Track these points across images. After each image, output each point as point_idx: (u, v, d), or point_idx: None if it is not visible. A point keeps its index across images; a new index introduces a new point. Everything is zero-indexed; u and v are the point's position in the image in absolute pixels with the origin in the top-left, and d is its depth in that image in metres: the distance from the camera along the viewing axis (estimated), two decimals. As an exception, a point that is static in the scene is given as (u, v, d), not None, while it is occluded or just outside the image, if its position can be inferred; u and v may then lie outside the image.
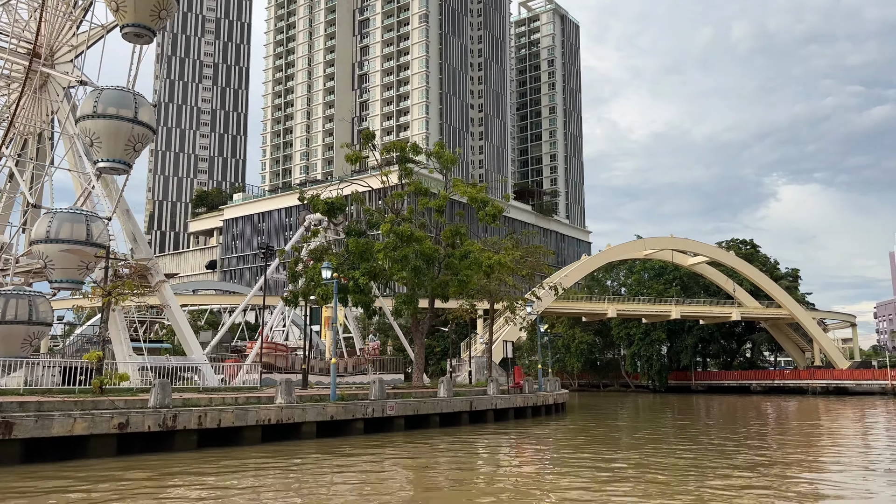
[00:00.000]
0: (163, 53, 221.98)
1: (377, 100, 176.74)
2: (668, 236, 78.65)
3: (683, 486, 14.50)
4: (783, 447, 22.47)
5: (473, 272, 31.92)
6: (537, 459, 17.95)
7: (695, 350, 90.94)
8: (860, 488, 14.97)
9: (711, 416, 42.38)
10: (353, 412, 21.92)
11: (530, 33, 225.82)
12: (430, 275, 31.99)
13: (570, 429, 27.75)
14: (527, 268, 46.28)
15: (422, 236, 31.68)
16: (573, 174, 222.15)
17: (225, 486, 13.72)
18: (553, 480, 15.07)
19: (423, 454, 19.07)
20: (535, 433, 25.17)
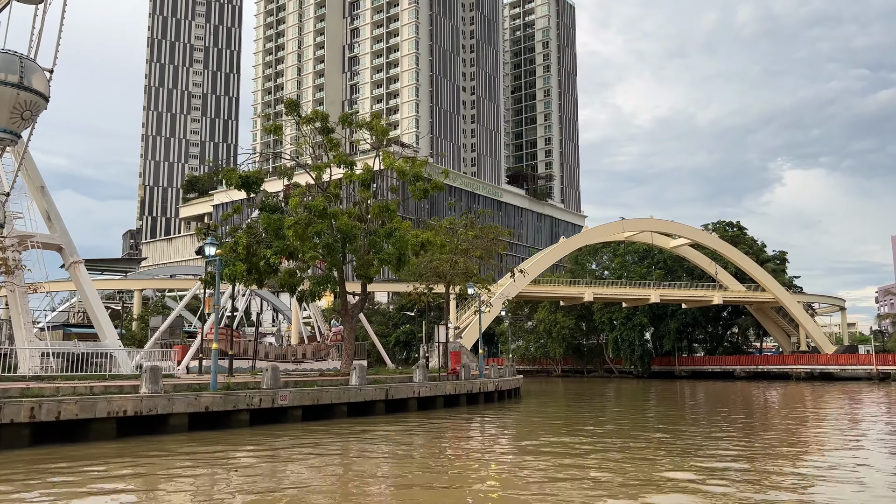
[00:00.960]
0: (153, 35, 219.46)
1: (367, 82, 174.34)
2: (648, 218, 76.51)
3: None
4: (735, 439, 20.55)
5: (398, 251, 29.91)
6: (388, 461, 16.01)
7: (678, 335, 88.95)
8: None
9: (672, 402, 40.53)
10: (235, 402, 20.04)
11: (525, 15, 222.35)
12: (356, 253, 29.92)
13: (497, 420, 25.84)
14: (479, 248, 44.23)
15: (337, 212, 29.62)
16: (569, 158, 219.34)
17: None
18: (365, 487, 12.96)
19: (279, 450, 17.17)
20: (442, 426, 23.21)
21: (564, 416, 29.35)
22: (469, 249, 43.55)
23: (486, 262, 46.18)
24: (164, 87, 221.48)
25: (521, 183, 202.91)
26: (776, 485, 13.36)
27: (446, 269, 39.96)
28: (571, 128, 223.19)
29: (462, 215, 44.43)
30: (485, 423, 24.95)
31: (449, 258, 40.34)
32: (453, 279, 42.69)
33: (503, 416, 27.01)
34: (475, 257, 43.84)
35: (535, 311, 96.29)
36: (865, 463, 15.72)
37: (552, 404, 38.20)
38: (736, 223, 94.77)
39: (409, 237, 29.29)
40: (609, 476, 14.00)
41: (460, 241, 42.98)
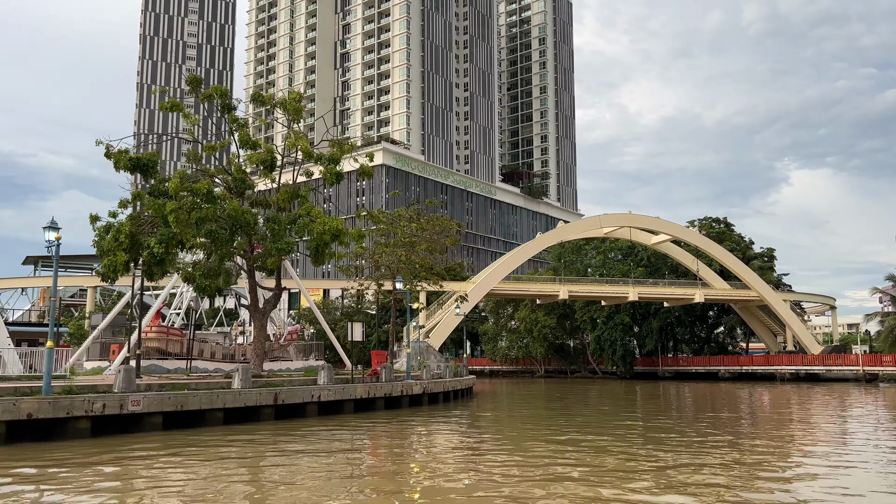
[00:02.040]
0: (144, 34, 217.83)
1: (358, 79, 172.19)
2: (627, 213, 73.84)
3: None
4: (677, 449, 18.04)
5: (315, 241, 27.51)
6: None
7: (662, 335, 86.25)
8: None
9: (647, 406, 37.95)
10: (70, 409, 17.67)
11: (521, 11, 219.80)
12: (264, 242, 27.36)
13: (397, 431, 23.28)
14: (424, 241, 41.73)
15: (224, 195, 27.20)
16: (565, 156, 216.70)
17: None
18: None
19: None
20: (309, 437, 20.64)
21: (505, 425, 26.74)
22: (414, 242, 41.16)
23: (433, 256, 43.61)
24: (156, 84, 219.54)
25: (517, 181, 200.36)
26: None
27: (384, 261, 37.56)
28: (568, 125, 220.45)
29: (409, 206, 41.73)
30: (371, 435, 22.34)
31: (392, 251, 38.00)
32: (402, 274, 40.27)
33: (412, 426, 24.45)
34: (421, 251, 41.37)
35: (517, 309, 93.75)
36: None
37: (502, 409, 35.64)
38: (723, 219, 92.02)
39: (315, 226, 26.86)
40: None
41: (405, 234, 40.59)
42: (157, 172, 26.20)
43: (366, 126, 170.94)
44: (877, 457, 18.00)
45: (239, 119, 29.40)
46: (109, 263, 24.80)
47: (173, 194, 24.74)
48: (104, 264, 24.85)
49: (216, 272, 25.95)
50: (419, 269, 40.85)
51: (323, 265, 30.58)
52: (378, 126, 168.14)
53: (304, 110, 30.65)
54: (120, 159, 25.51)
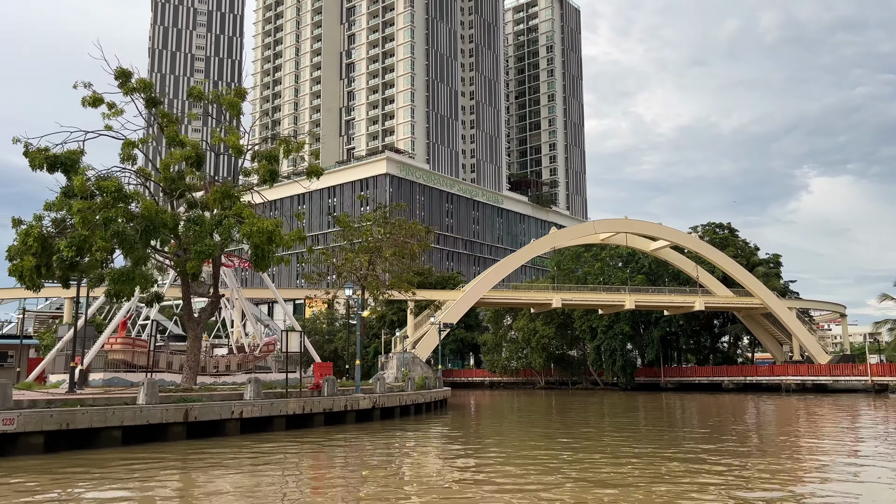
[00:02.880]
0: (153, 47, 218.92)
1: (363, 88, 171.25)
2: (623, 218, 71.40)
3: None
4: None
5: (256, 244, 25.66)
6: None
7: (663, 344, 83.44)
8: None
9: (637, 419, 35.57)
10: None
11: (528, 19, 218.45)
12: (191, 244, 25.28)
13: (316, 451, 21.18)
14: (390, 246, 39.70)
15: (136, 194, 25.27)
16: (574, 164, 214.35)
17: None
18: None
19: None
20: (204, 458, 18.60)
21: (460, 444, 24.55)
22: (380, 248, 39.19)
23: (400, 263, 41.57)
24: (164, 97, 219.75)
25: (525, 189, 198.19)
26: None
27: (346, 268, 35.62)
28: (577, 133, 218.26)
29: (375, 210, 39.68)
30: (266, 459, 20.06)
31: (355, 257, 36.02)
32: (368, 283, 38.32)
33: (331, 446, 22.25)
34: (386, 258, 39.37)
35: (515, 318, 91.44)
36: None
37: (468, 427, 33.39)
38: (726, 224, 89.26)
39: (243, 227, 24.92)
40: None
41: (368, 239, 38.59)
42: (79, 171, 24.49)
43: (370, 136, 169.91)
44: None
45: (171, 115, 27.49)
46: (15, 268, 23.11)
47: (79, 193, 22.99)
48: (9, 269, 23.16)
49: (128, 277, 24.10)
50: (384, 277, 38.83)
51: (265, 270, 28.79)
52: (383, 135, 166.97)
53: (252, 105, 28.60)
54: (36, 158, 23.83)
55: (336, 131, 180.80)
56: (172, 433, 20.83)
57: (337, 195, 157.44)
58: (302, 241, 27.95)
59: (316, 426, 25.96)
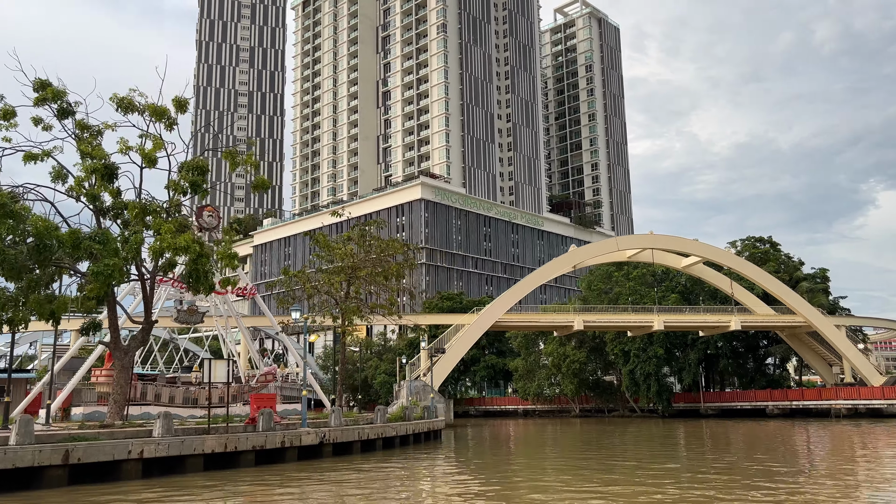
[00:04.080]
0: (198, 84, 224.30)
1: (399, 115, 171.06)
2: (648, 234, 67.40)
3: None
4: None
5: (194, 265, 23.52)
6: None
7: (703, 367, 78.26)
8: None
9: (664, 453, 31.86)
10: None
11: (566, 39, 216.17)
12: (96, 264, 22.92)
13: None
14: (369, 266, 37.00)
15: (25, 210, 22.80)
16: (618, 183, 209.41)
17: None
18: None
19: None
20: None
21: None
22: (355, 266, 36.62)
23: (378, 283, 38.81)
24: (209, 133, 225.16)
25: (567, 210, 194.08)
26: None
27: (316, 290, 33.14)
28: (620, 152, 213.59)
29: (353, 227, 37.04)
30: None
31: (328, 279, 33.59)
32: (346, 307, 35.77)
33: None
34: (360, 277, 36.73)
35: (544, 343, 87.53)
36: None
37: (462, 466, 30.24)
38: (767, 238, 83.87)
39: (154, 244, 22.67)
40: None
41: (342, 258, 36.03)
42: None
43: (407, 162, 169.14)
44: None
45: (92, 127, 25.51)
46: None
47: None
48: None
49: (14, 302, 21.98)
50: (359, 299, 36.24)
51: (206, 292, 26.55)
52: (419, 161, 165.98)
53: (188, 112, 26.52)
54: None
55: (374, 159, 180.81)
56: (49, 478, 18.48)
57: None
58: (232, 260, 25.56)
59: (244, 466, 23.29)
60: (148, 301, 26.04)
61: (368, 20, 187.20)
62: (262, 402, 26.92)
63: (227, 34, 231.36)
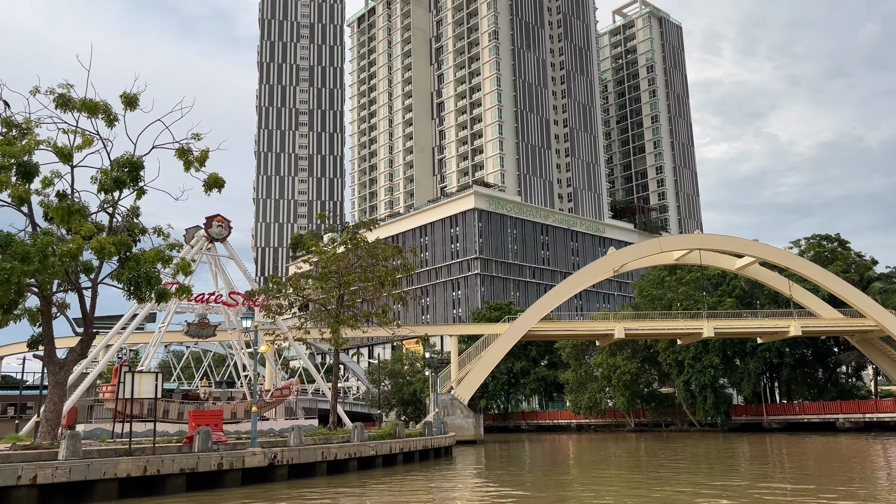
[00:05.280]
0: (261, 104, 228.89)
1: (452, 125, 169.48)
2: (695, 233, 62.52)
3: None
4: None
5: (132, 269, 21.63)
6: None
7: (767, 376, 72.19)
8: None
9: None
10: None
11: (626, 41, 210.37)
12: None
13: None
14: (352, 271, 34.20)
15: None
16: (685, 186, 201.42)
17: None
18: None
19: None
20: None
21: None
22: (344, 270, 34.12)
23: (367, 290, 36.06)
24: (272, 152, 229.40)
25: (631, 216, 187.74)
26: None
27: (292, 298, 30.81)
28: (686, 153, 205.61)
29: (342, 231, 34.41)
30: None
31: (316, 286, 31.32)
32: (337, 317, 33.28)
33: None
34: (350, 283, 34.15)
35: (592, 354, 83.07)
36: None
37: (449, 484, 27.22)
38: (835, 236, 77.13)
39: (62, 247, 20.65)
40: None
41: (329, 263, 33.57)
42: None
43: (461, 172, 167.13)
44: None
45: (20, 125, 23.64)
46: None
47: None
48: None
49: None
50: (355, 307, 33.75)
51: (150, 302, 24.55)
52: (473, 171, 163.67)
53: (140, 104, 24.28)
54: None
55: (429, 171, 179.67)
56: None
57: (428, 234, 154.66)
58: (165, 262, 23.46)
59: (171, 492, 21.00)
60: (85, 311, 24.29)
61: (422, 32, 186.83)
62: (201, 419, 24.64)
63: (287, 55, 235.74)
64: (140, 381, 24.37)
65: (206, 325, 50.14)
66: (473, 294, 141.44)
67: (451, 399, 56.08)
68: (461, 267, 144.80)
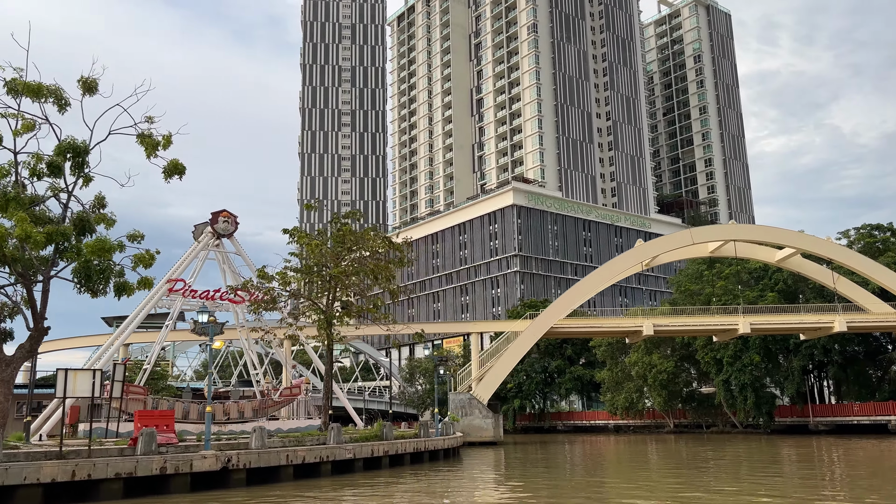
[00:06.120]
0: (304, 106, 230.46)
1: (491, 121, 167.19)
2: (729, 223, 58.87)
3: None
4: None
5: (83, 259, 20.39)
6: None
7: (805, 376, 67.85)
8: None
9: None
10: None
11: (672, 31, 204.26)
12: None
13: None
14: (332, 260, 31.94)
15: None
16: (735, 179, 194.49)
17: None
18: None
19: None
20: None
21: None
22: (325, 265, 32.33)
23: (354, 284, 34.11)
24: (315, 153, 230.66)
25: (678, 210, 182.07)
26: None
27: (268, 295, 29.12)
28: (737, 145, 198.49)
29: (330, 221, 32.49)
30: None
31: (301, 279, 29.78)
32: (329, 314, 31.56)
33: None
34: (338, 277, 32.31)
35: (627, 352, 79.79)
36: None
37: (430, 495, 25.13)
38: (888, 226, 72.14)
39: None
40: None
41: (314, 255, 31.77)
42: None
43: (501, 168, 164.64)
44: None
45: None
46: None
47: None
48: None
49: None
50: (350, 302, 31.95)
51: (104, 296, 23.29)
52: (512, 167, 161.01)
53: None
54: None
55: (469, 168, 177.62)
56: None
57: (467, 232, 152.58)
58: (106, 253, 21.98)
59: (107, 498, 19.55)
60: (35, 306, 23.23)
61: (461, 29, 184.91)
62: (148, 419, 23.11)
63: (329, 56, 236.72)
64: (75, 380, 23.11)
65: (213, 322, 49.21)
66: (513, 292, 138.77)
67: (470, 398, 54.00)
68: (500, 265, 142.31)
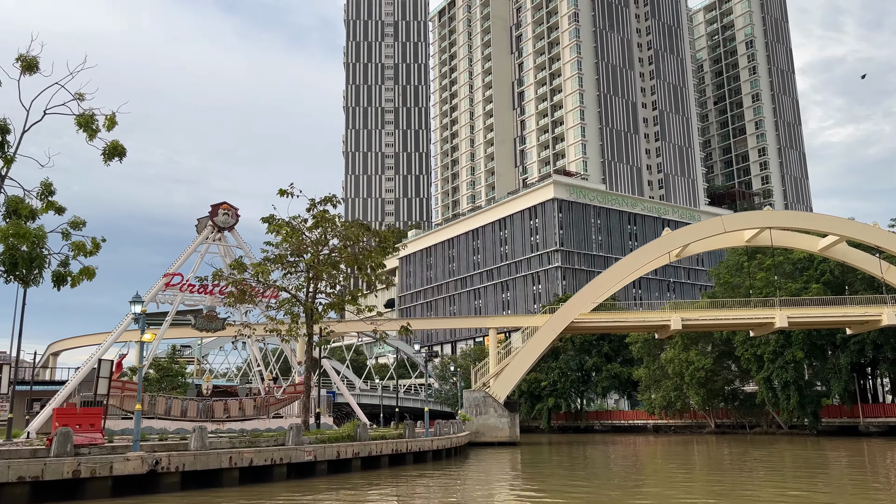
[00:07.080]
0: (347, 104, 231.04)
1: (532, 114, 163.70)
2: (764, 209, 54.81)
3: None
4: None
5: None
6: None
7: (853, 373, 62.91)
8: None
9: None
10: None
11: (722, 16, 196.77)
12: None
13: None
14: (309, 248, 29.82)
15: None
16: (791, 169, 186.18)
17: None
18: None
19: None
20: None
21: None
22: (300, 252, 30.41)
23: (332, 275, 31.96)
24: (359, 151, 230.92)
25: (731, 202, 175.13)
26: None
27: (241, 289, 27.29)
28: (793, 134, 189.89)
29: (309, 209, 30.64)
30: None
31: (262, 269, 28.00)
32: (309, 308, 29.75)
33: None
34: (312, 268, 30.32)
35: (663, 349, 75.94)
36: None
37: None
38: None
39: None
40: None
41: (291, 244, 29.88)
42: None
43: (542, 161, 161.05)
44: None
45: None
46: None
47: None
48: None
49: None
50: (335, 293, 30.03)
51: (36, 286, 21.84)
52: (554, 160, 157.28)
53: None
54: None
55: (511, 162, 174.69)
56: None
57: (507, 227, 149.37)
58: (22, 239, 20.39)
59: (11, 501, 17.99)
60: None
61: (501, 21, 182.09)
62: (66, 418, 21.44)
63: (372, 54, 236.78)
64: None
65: (215, 318, 48.15)
66: (554, 287, 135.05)
67: (484, 397, 51.52)
68: (541, 260, 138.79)
